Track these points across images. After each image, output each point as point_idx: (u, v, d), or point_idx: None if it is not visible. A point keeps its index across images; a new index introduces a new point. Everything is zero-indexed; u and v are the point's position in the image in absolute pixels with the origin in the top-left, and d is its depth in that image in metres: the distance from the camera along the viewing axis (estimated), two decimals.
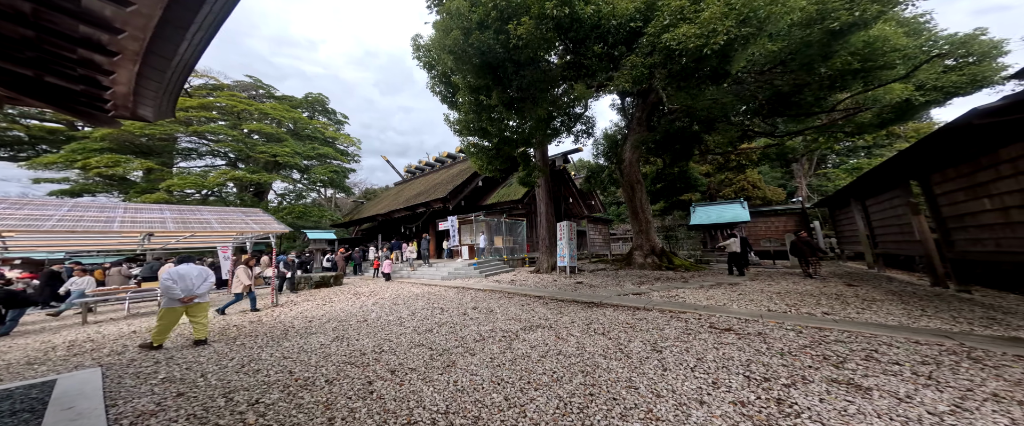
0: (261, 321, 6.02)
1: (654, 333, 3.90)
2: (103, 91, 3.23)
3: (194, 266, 4.71)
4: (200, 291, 4.59)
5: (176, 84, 3.38)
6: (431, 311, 6.06)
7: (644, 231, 11.64)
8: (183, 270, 4.58)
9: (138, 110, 3.67)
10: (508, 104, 5.56)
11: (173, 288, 4.34)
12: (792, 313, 4.46)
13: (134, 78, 3.10)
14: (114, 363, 3.91)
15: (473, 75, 5.17)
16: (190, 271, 4.62)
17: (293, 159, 19.99)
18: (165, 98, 3.57)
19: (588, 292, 7.04)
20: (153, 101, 3.56)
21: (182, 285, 4.45)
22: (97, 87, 3.18)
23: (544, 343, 3.78)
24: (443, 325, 4.92)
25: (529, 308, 5.87)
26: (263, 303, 8.00)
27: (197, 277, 4.63)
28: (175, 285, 4.37)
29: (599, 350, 3.44)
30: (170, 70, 3.10)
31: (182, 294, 4.41)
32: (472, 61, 4.98)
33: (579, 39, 4.88)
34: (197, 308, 4.59)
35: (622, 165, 11.49)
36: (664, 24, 4.59)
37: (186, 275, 4.54)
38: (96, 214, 5.98)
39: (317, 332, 4.94)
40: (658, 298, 5.92)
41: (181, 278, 4.47)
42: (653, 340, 3.66)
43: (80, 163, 16.06)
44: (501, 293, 7.84)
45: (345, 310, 6.65)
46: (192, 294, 4.49)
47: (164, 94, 3.48)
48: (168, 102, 3.68)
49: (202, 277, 4.69)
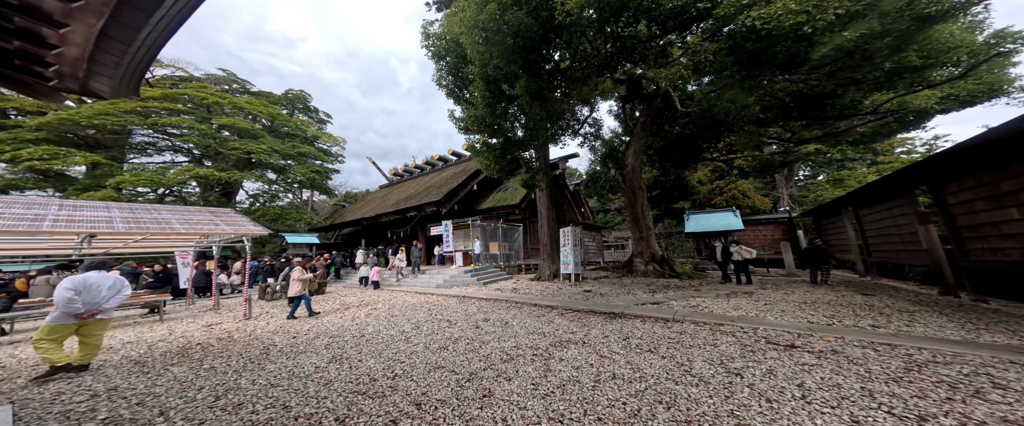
0: (231, 338, 5.07)
1: (709, 350, 3.49)
2: (47, 50, 2.45)
3: (106, 275, 3.90)
4: (108, 306, 3.79)
5: (150, 50, 2.65)
6: (437, 324, 5.39)
7: (645, 238, 11.49)
8: (92, 279, 3.74)
9: (90, 82, 2.86)
10: (535, 94, 5.11)
11: (74, 301, 3.55)
12: (837, 326, 4.20)
13: (94, 37, 2.36)
14: (32, 399, 2.97)
15: (502, 58, 4.68)
16: (100, 281, 3.79)
17: (270, 157, 18.43)
18: (130, 70, 2.81)
19: (602, 301, 6.62)
20: (113, 72, 2.78)
21: (87, 297, 3.64)
22: (39, 44, 2.39)
23: (588, 363, 3.26)
24: (457, 341, 4.29)
25: (546, 320, 5.35)
26: (229, 316, 6.92)
27: (110, 289, 3.82)
28: (78, 297, 3.57)
29: (660, 372, 2.97)
30: (147, 29, 2.38)
31: (83, 308, 3.60)
32: (505, 41, 4.49)
33: (629, 22, 4.43)
34: (97, 325, 3.77)
35: (624, 171, 11.35)
36: (743, 2, 4.36)
37: (94, 285, 3.73)
38: (21, 211, 4.86)
39: (307, 351, 4.14)
40: (680, 308, 5.58)
41: (87, 289, 3.65)
42: (716, 359, 3.24)
43: (8, 155, 13.86)
44: (508, 302, 7.26)
45: (335, 323, 5.81)
46: (95, 309, 3.68)
47: (131, 63, 2.72)
48: (132, 76, 2.91)
49: (115, 289, 3.89)
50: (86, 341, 3.75)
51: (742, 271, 8.07)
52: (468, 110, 6.70)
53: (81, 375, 3.62)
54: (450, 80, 7.16)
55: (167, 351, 4.44)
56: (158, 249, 10.50)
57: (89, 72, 2.73)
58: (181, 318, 7.06)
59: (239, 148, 17.60)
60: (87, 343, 3.75)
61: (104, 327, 3.88)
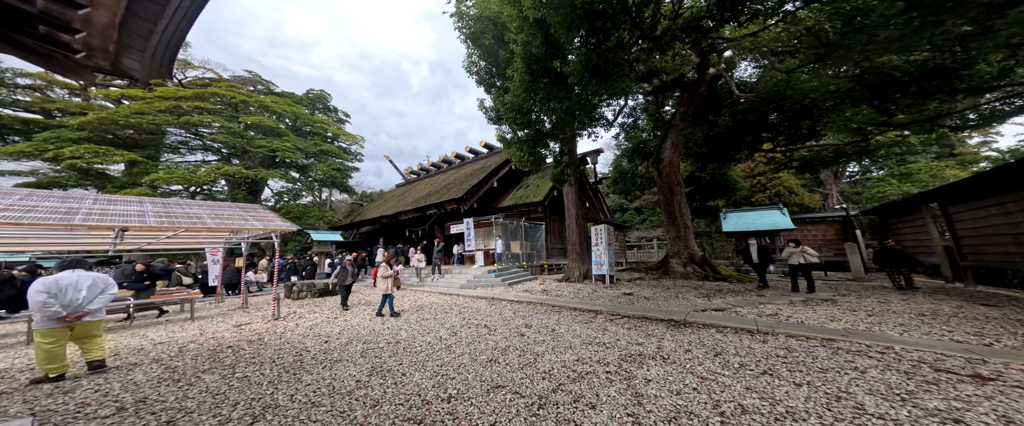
0: (262, 340, 4.80)
1: (855, 376, 2.76)
2: (74, 11, 2.12)
3: (84, 274, 3.62)
4: (93, 307, 3.52)
5: (183, 21, 2.31)
6: (475, 330, 4.94)
7: (683, 238, 10.70)
8: (65, 279, 3.44)
9: (122, 59, 2.55)
10: (594, 68, 4.54)
11: (49, 303, 3.25)
12: (998, 347, 3.35)
13: (124, 2, 2.03)
14: (55, 410, 2.70)
15: (562, 26, 4.13)
16: (77, 280, 3.50)
17: (295, 155, 18.63)
18: (162, 43, 2.48)
19: (651, 306, 6.00)
20: (145, 47, 2.46)
21: (64, 299, 3.36)
22: (66, 4, 2.06)
23: (689, 387, 2.67)
24: (506, 352, 3.81)
25: (598, 327, 4.79)
26: (258, 316, 6.73)
27: (89, 288, 3.54)
28: (52, 300, 3.28)
29: (818, 409, 2.27)
30: None
31: (64, 311, 3.32)
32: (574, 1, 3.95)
33: None
34: (87, 327, 3.54)
35: (660, 165, 10.60)
36: None
37: (70, 285, 3.43)
38: (54, 205, 4.73)
39: (342, 359, 3.77)
40: (756, 317, 4.88)
41: (62, 290, 3.36)
42: (883, 391, 2.48)
43: (52, 153, 14.48)
44: (542, 306, 6.74)
45: (366, 327, 5.46)
46: (79, 311, 3.41)
47: (163, 35, 2.39)
48: (165, 53, 2.57)
49: (97, 288, 3.60)
50: (85, 345, 3.59)
51: (802, 276, 7.03)
52: (500, 98, 6.20)
53: (104, 376, 3.45)
54: (482, 66, 6.69)
55: (198, 354, 4.18)
56: (188, 246, 10.60)
57: (120, 45, 2.40)
58: (211, 317, 6.94)
59: (265, 146, 17.87)
60: (87, 346, 3.59)
61: (96, 328, 3.67)
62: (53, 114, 18.93)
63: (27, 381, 3.38)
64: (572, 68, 4.51)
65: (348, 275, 7.20)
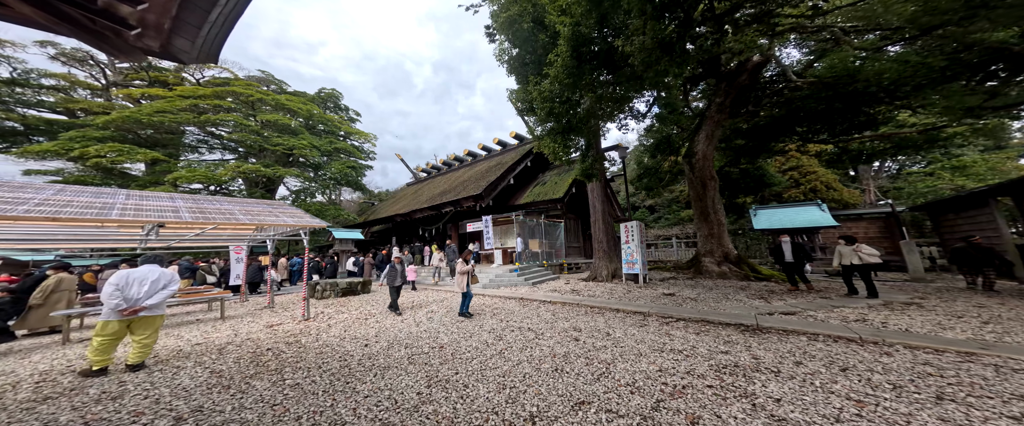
0: (299, 343, 4.59)
1: None
2: None
3: (155, 269, 3.69)
4: (150, 302, 3.52)
5: (235, 7, 2.12)
6: (520, 333, 4.65)
7: (717, 235, 10.24)
8: (138, 274, 3.58)
9: (174, 40, 2.36)
10: (664, 44, 4.14)
11: (114, 296, 3.39)
12: None
13: None
14: (108, 418, 2.50)
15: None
16: (146, 274, 3.58)
17: (311, 153, 18.61)
18: (215, 26, 2.29)
19: (704, 308, 5.62)
20: (202, 23, 2.27)
21: (128, 292, 3.44)
22: None
23: (851, 413, 2.26)
24: (569, 359, 3.51)
25: (658, 331, 4.45)
26: (287, 315, 6.57)
27: (152, 283, 3.57)
28: (118, 292, 3.41)
29: None
30: None
31: (125, 305, 3.40)
32: None
33: None
34: (142, 323, 3.56)
35: (693, 159, 10.13)
36: None
37: (138, 280, 3.51)
38: (89, 200, 4.59)
39: (392, 366, 3.52)
40: (839, 322, 4.38)
41: (128, 284, 3.48)
42: None
43: (77, 151, 14.68)
44: (580, 307, 6.42)
45: (402, 329, 5.22)
46: (135, 306, 3.44)
47: (222, 14, 2.21)
48: (216, 37, 2.38)
49: (159, 284, 3.62)
50: (137, 340, 3.58)
51: (859, 277, 6.29)
52: (534, 86, 5.85)
53: (150, 380, 3.27)
54: (514, 54, 6.35)
55: (239, 357, 3.98)
56: (213, 244, 10.57)
57: (176, 22, 2.20)
58: (240, 316, 6.81)
59: (281, 144, 17.88)
60: (137, 342, 3.57)
61: (151, 325, 3.65)
62: (76, 114, 19.28)
63: (71, 381, 3.27)
64: (637, 45, 4.10)
65: (398, 275, 6.31)
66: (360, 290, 10.06)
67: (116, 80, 21.59)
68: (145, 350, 3.63)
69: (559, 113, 5.85)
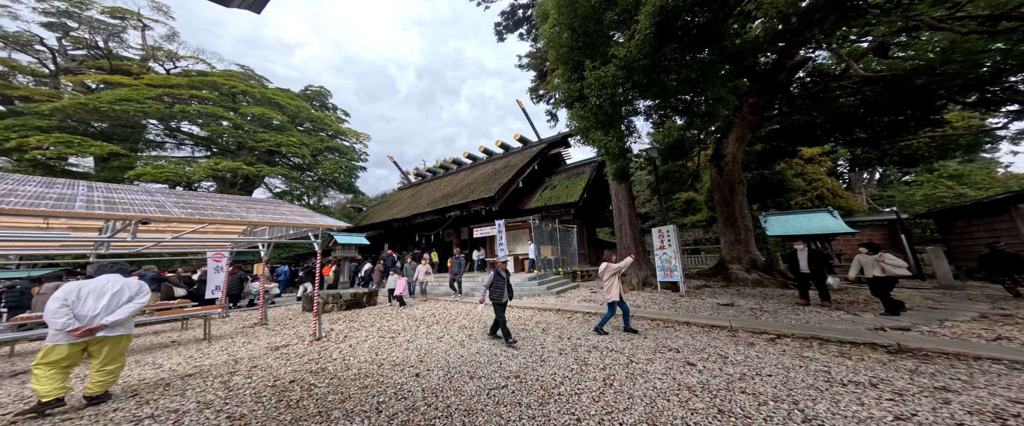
0: (326, 370, 3.57)
1: None
2: None
3: (116, 279, 2.84)
4: (111, 318, 2.69)
5: None
6: (600, 355, 3.88)
7: (743, 241, 9.98)
8: (93, 285, 2.76)
9: None
10: None
11: (60, 313, 2.57)
12: None
13: None
14: None
15: None
16: (103, 286, 2.78)
17: (299, 151, 17.02)
18: None
19: (788, 322, 5.06)
20: None
21: (81, 308, 2.66)
22: None
23: None
24: (714, 391, 2.78)
25: (774, 351, 3.80)
26: (290, 334, 5.41)
27: (114, 296, 2.74)
28: (66, 308, 2.60)
29: None
30: None
31: (76, 323, 2.61)
32: None
33: None
34: (103, 345, 2.74)
35: (721, 161, 9.89)
36: None
37: (93, 292, 2.73)
38: (38, 190, 3.42)
39: (477, 409, 2.63)
40: (979, 340, 3.87)
41: (81, 298, 2.68)
42: None
43: (13, 142, 12.46)
44: (640, 319, 5.73)
45: (449, 351, 4.29)
46: (90, 324, 2.66)
47: None
48: None
49: (122, 296, 2.79)
50: (97, 367, 2.71)
51: (882, 291, 5.27)
52: (590, 72, 5.21)
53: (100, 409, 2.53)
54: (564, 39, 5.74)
55: (257, 393, 2.92)
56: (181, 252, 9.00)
57: None
58: (229, 336, 5.55)
59: (267, 140, 16.25)
60: (98, 369, 2.74)
61: (116, 347, 2.77)
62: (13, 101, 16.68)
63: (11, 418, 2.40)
64: None
65: (505, 289, 4.79)
66: (366, 302, 8.87)
67: (69, 66, 19.06)
68: (109, 377, 2.76)
69: (619, 101, 5.27)
